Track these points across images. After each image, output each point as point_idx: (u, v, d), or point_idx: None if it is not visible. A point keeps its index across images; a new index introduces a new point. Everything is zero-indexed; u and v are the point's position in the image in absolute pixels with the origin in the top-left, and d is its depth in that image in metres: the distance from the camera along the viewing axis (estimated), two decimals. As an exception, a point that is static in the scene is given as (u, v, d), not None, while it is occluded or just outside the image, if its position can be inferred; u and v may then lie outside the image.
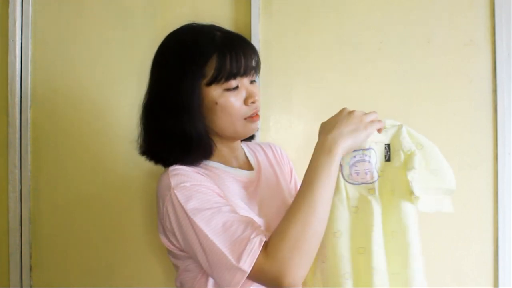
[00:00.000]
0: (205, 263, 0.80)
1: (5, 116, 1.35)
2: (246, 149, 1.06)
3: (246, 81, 0.90)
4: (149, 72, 0.94)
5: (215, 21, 0.94)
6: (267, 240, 0.78)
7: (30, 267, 1.37)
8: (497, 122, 1.27)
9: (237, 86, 0.88)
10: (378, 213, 0.81)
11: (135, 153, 0.96)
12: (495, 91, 1.28)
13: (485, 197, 1.28)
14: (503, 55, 1.27)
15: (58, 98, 1.37)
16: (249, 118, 0.91)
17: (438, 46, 1.30)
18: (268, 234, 0.80)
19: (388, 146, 0.85)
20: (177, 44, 0.91)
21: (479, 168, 1.28)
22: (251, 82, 0.92)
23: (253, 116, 0.91)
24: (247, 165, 1.02)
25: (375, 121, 0.84)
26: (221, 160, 0.95)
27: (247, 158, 1.04)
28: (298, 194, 0.82)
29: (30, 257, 1.36)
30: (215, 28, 0.91)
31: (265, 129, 1.33)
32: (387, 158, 0.85)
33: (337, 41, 1.33)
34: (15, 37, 1.35)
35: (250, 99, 0.89)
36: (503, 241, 1.26)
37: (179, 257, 0.90)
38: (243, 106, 0.89)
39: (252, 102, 0.90)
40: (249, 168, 1.01)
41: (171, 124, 0.88)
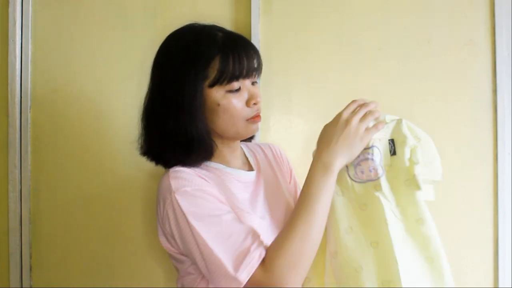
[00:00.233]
0: (204, 269, 0.81)
1: (5, 116, 1.34)
2: (246, 149, 1.06)
3: (248, 83, 0.90)
4: (150, 72, 0.94)
5: (215, 21, 0.94)
6: (265, 253, 0.79)
7: (30, 267, 1.36)
8: (497, 122, 1.27)
9: (239, 88, 0.88)
10: (389, 207, 0.82)
11: (136, 153, 0.96)
12: (495, 91, 1.28)
13: (485, 197, 1.28)
14: (503, 55, 1.27)
15: (58, 98, 1.36)
16: (251, 119, 0.90)
17: (438, 46, 1.30)
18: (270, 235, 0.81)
19: (392, 141, 0.86)
20: (179, 45, 0.90)
21: (479, 168, 1.29)
22: (253, 83, 0.92)
23: (255, 117, 0.91)
24: (247, 165, 1.02)
25: (371, 129, 0.84)
26: (221, 160, 0.95)
27: (246, 158, 1.04)
28: (295, 209, 0.83)
29: (30, 257, 1.36)
30: (217, 28, 0.91)
31: (265, 129, 1.33)
32: (393, 152, 0.85)
33: (337, 41, 1.33)
34: (15, 37, 1.34)
35: (252, 100, 0.89)
36: (503, 241, 1.26)
37: (179, 260, 0.90)
38: (245, 107, 0.89)
39: (254, 104, 0.90)
40: (249, 168, 1.01)
41: (172, 125, 0.87)
